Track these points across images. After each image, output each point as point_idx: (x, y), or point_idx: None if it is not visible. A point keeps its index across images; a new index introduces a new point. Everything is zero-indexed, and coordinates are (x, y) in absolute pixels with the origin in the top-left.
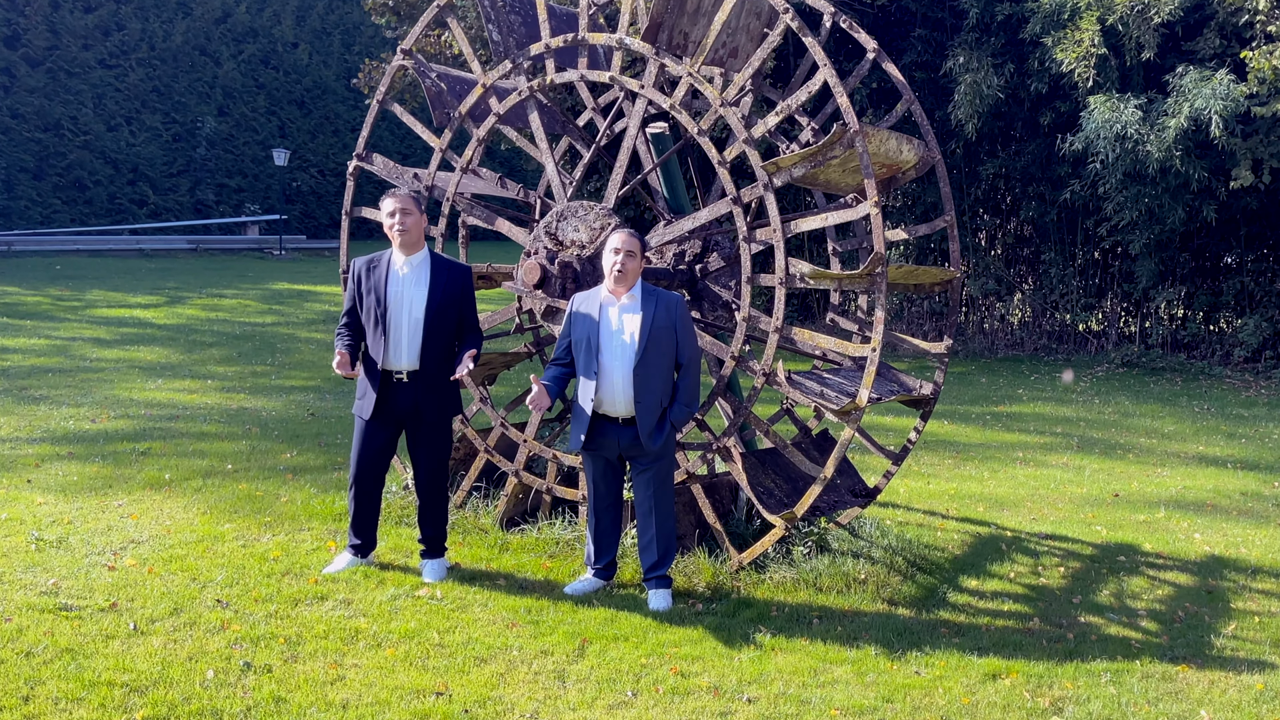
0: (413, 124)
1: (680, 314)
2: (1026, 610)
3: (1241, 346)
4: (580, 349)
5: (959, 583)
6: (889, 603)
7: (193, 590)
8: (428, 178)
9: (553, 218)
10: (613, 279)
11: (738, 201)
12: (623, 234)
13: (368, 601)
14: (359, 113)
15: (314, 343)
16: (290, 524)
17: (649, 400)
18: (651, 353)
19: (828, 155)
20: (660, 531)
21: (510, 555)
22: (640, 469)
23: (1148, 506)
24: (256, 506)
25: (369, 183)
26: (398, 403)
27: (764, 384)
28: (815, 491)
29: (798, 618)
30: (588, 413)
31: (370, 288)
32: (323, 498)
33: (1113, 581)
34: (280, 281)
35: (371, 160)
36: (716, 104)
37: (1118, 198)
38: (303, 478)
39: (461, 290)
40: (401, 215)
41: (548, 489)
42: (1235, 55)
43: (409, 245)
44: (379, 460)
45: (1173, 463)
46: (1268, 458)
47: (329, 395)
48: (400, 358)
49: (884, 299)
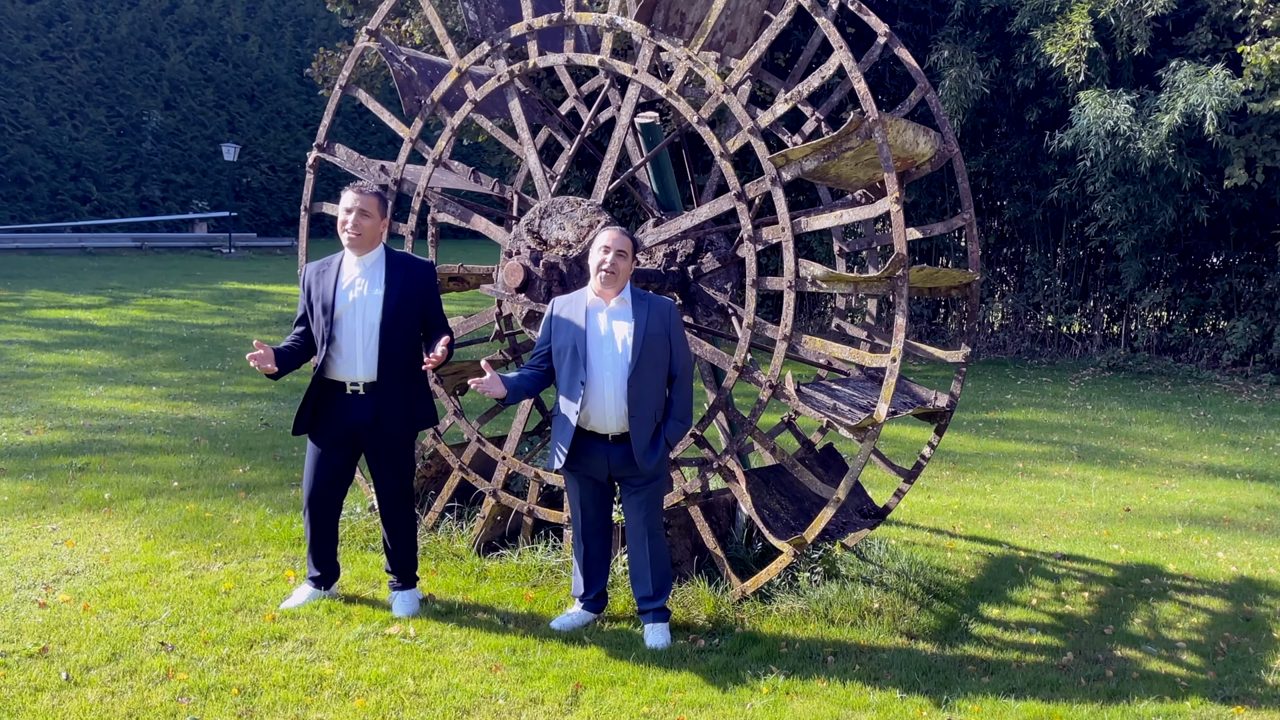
0: (379, 111)
1: (674, 321)
2: (1057, 643)
3: (1230, 350)
4: (564, 358)
5: (980, 611)
6: (908, 636)
7: (133, 631)
8: (396, 170)
9: (535, 215)
10: (601, 280)
11: (742, 197)
12: (613, 231)
13: (332, 642)
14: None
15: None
16: (243, 550)
17: (643, 415)
18: (645, 363)
19: (843, 146)
20: (655, 559)
21: (489, 584)
22: (632, 491)
23: (1162, 522)
24: (205, 529)
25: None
26: (353, 417)
27: (770, 397)
28: (828, 515)
29: (810, 655)
30: (572, 429)
31: (319, 294)
32: (279, 519)
33: (1143, 608)
34: (230, 281)
35: (333, 151)
36: (718, 90)
37: (1107, 197)
38: (256, 496)
39: (423, 289)
40: (358, 216)
41: (529, 510)
42: (1228, 50)
43: (360, 246)
44: (336, 482)
45: (1179, 474)
46: (1274, 467)
47: (284, 403)
48: (354, 368)
49: (905, 304)
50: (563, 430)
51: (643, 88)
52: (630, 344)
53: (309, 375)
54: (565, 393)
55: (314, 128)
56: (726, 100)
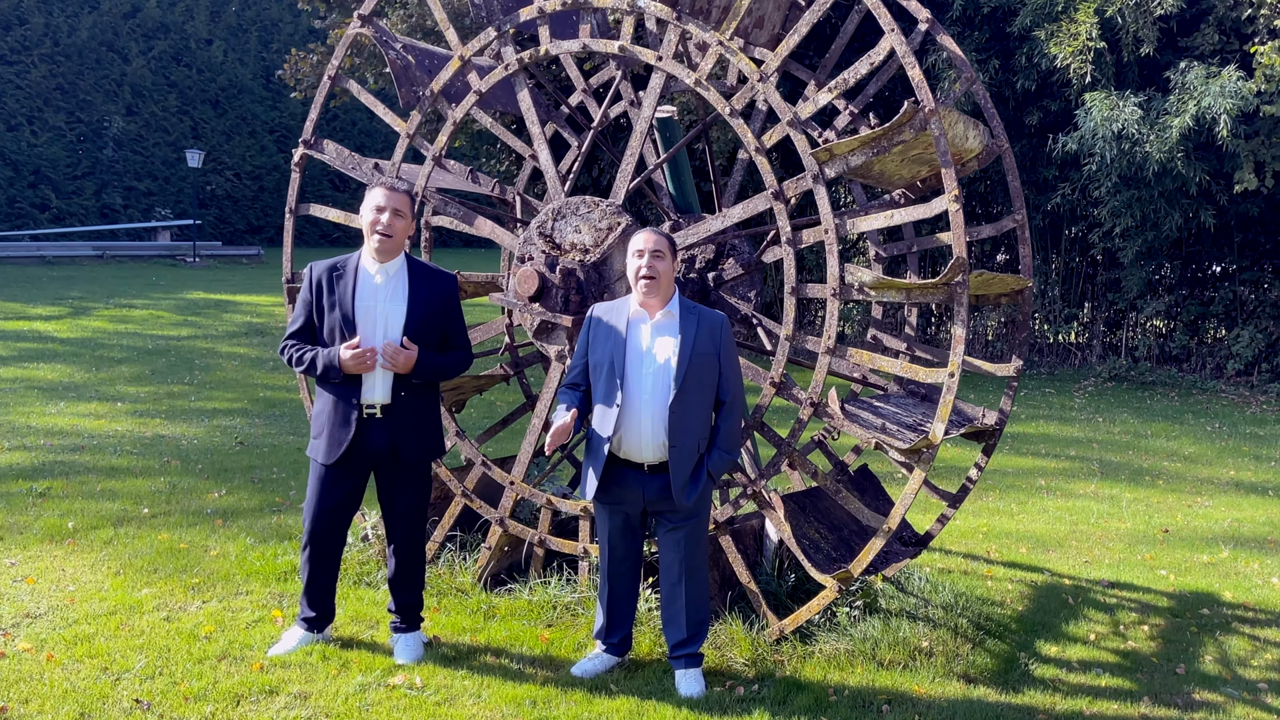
0: (373, 105)
1: (725, 339)
2: (1129, 686)
3: (1235, 359)
4: (600, 375)
5: (1037, 650)
6: (965, 680)
7: (104, 685)
8: (392, 168)
9: (547, 217)
10: (643, 290)
11: (780, 196)
12: (646, 233)
13: (330, 695)
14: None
15: (237, 358)
16: (223, 586)
17: (685, 444)
18: (690, 385)
19: (894, 140)
20: (692, 602)
21: (499, 624)
22: (669, 527)
23: (1206, 545)
24: (181, 563)
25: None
26: (367, 443)
27: (811, 415)
28: (877, 545)
29: (863, 703)
30: (604, 455)
31: (334, 302)
32: (261, 550)
33: (1210, 643)
34: (195, 291)
35: (321, 147)
36: (754, 79)
37: (1112, 202)
38: (235, 523)
39: (446, 303)
40: (392, 216)
41: (540, 540)
42: (1235, 52)
43: (388, 252)
44: (342, 514)
45: (1209, 491)
46: None
47: (258, 419)
48: (373, 389)
49: (965, 313)
50: (595, 456)
51: (667, 78)
52: (675, 364)
53: (290, 387)
54: (599, 415)
55: (280, 134)
56: (762, 89)
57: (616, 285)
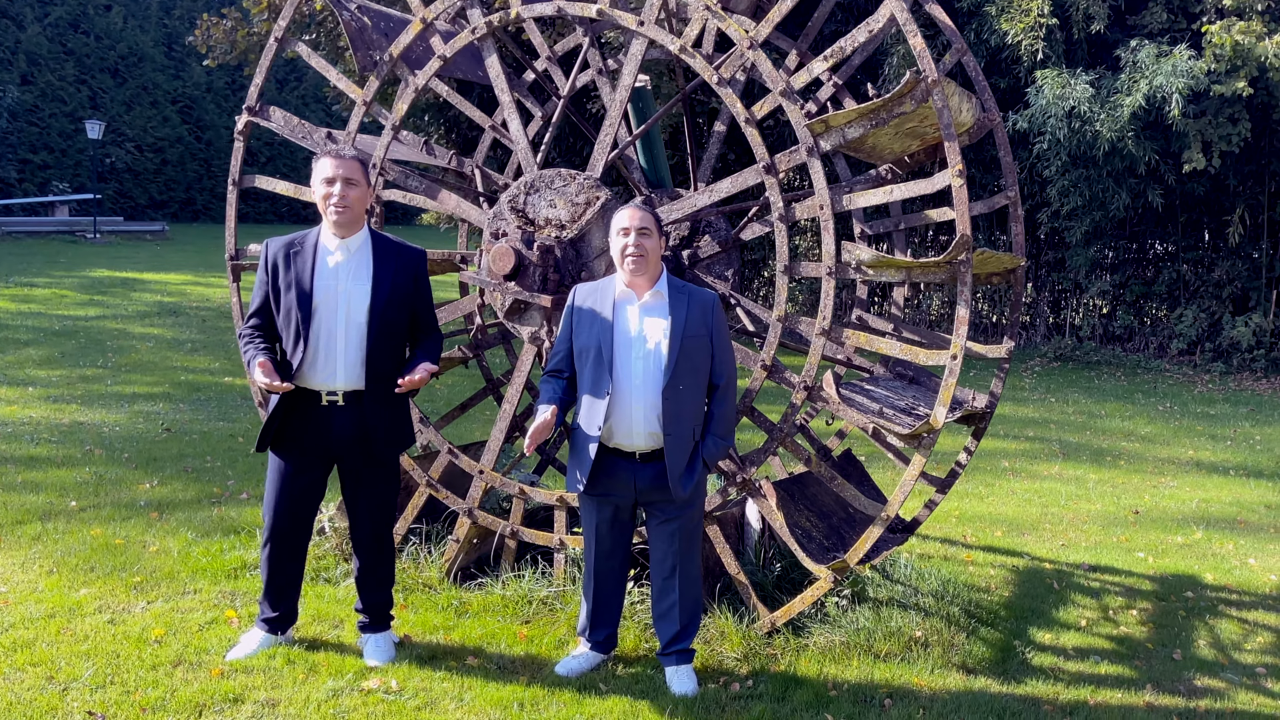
0: (324, 69)
1: (717, 319)
2: (1129, 673)
3: (1179, 339)
4: (586, 361)
5: (1031, 637)
6: (964, 670)
7: (51, 697)
8: (347, 137)
9: (520, 191)
10: (629, 269)
11: (771, 169)
12: (630, 209)
13: (300, 702)
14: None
15: (151, 339)
16: (168, 585)
17: (680, 433)
18: (683, 369)
19: (894, 111)
20: (684, 597)
21: (473, 621)
22: (661, 519)
23: (1178, 526)
24: (119, 560)
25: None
26: (331, 433)
27: (804, 399)
28: (874, 534)
29: (864, 698)
30: (594, 445)
31: (290, 281)
32: (205, 545)
33: (1201, 627)
34: (99, 268)
35: (267, 114)
36: (743, 45)
37: (1061, 181)
38: (172, 517)
39: (415, 281)
40: (344, 185)
41: (512, 532)
42: (1182, 30)
43: (347, 225)
44: (304, 508)
45: (1172, 471)
46: (1264, 463)
47: (183, 404)
48: (334, 374)
49: (969, 292)
50: (583, 447)
51: (649, 44)
52: (666, 348)
53: (213, 370)
54: (586, 404)
55: (184, 104)
56: (752, 57)
57: (595, 263)
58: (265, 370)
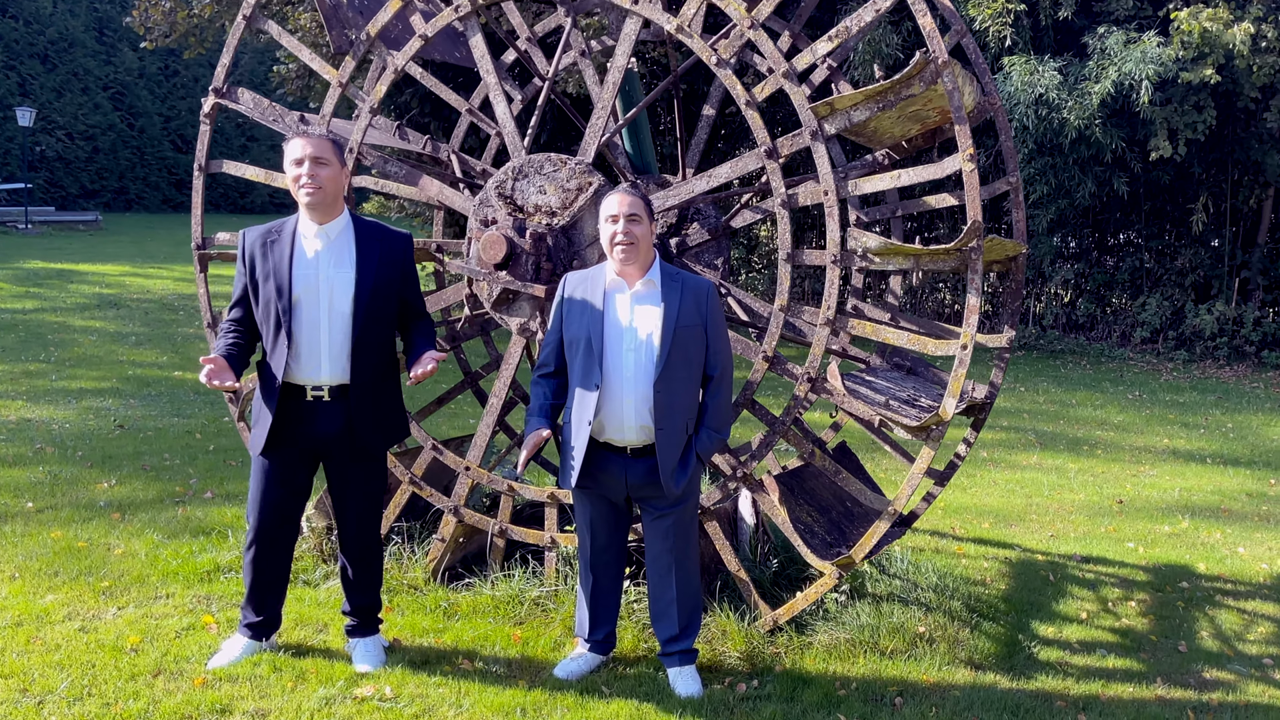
0: (296, 50)
1: (712, 307)
2: (1137, 667)
3: (1142, 327)
4: (576, 352)
5: (1033, 631)
6: (972, 666)
7: (26, 710)
8: (321, 121)
9: (507, 176)
10: (619, 257)
11: (773, 154)
12: (619, 195)
13: (291, 711)
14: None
15: (94, 333)
16: (138, 590)
17: (672, 427)
18: (676, 361)
19: (902, 93)
20: (682, 594)
21: (463, 623)
22: (655, 514)
23: (1163, 515)
24: (84, 564)
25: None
26: (316, 430)
27: (807, 391)
28: (881, 529)
29: (874, 697)
30: (585, 439)
31: (269, 271)
32: (173, 547)
33: (1201, 618)
34: (32, 260)
35: (236, 96)
36: (744, 25)
37: (1027, 170)
38: (135, 518)
39: (402, 268)
40: (313, 164)
41: (501, 531)
42: (1148, 17)
43: (322, 208)
44: (289, 509)
45: (1150, 460)
46: (1240, 451)
47: (133, 400)
48: (318, 368)
49: (980, 280)
50: (575, 441)
51: (643, 23)
52: (658, 338)
53: (161, 364)
54: (577, 397)
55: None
56: (753, 37)
57: (588, 251)
58: (214, 369)
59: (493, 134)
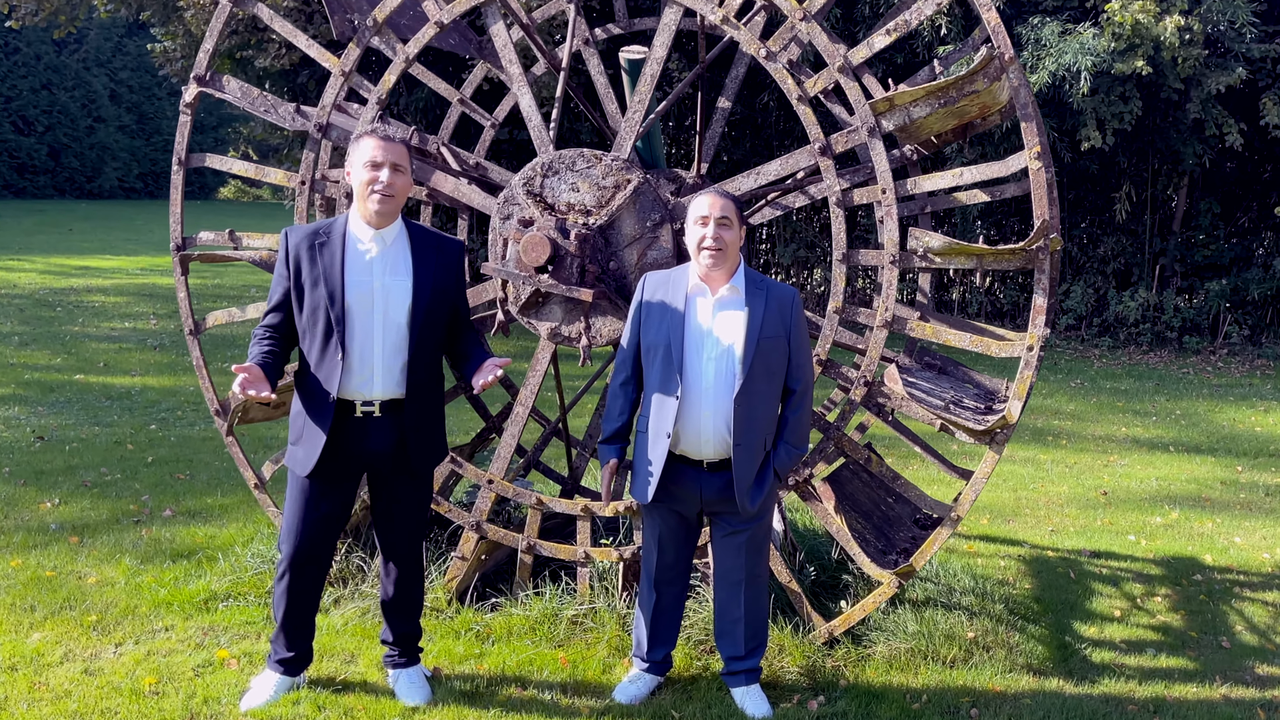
0: (292, 36)
1: (796, 317)
2: (1191, 666)
3: (1067, 314)
4: (654, 359)
5: (1078, 632)
6: (1033, 672)
7: None
8: (320, 113)
9: (535, 173)
10: (706, 262)
11: (827, 151)
12: (713, 196)
13: None
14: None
15: None
16: (132, 623)
17: (750, 442)
18: (758, 373)
19: (964, 89)
20: (750, 613)
21: (501, 647)
22: (728, 530)
23: (1151, 506)
24: (60, 596)
25: None
26: (365, 448)
27: (864, 395)
28: (943, 536)
29: (949, 708)
30: (664, 452)
31: (317, 277)
32: (153, 573)
33: (1230, 613)
34: None
35: (221, 84)
36: (795, 17)
37: (957, 160)
38: (96, 541)
39: (456, 276)
40: (392, 173)
41: (529, 546)
42: (1075, 8)
43: (388, 215)
44: (328, 533)
45: (1116, 449)
46: (1197, 438)
47: (41, 408)
48: (371, 382)
49: (1048, 280)
50: (653, 452)
51: (684, 12)
52: (740, 348)
53: (61, 367)
54: (655, 405)
55: None
56: (804, 29)
57: (625, 252)
58: (248, 378)
59: (486, 126)
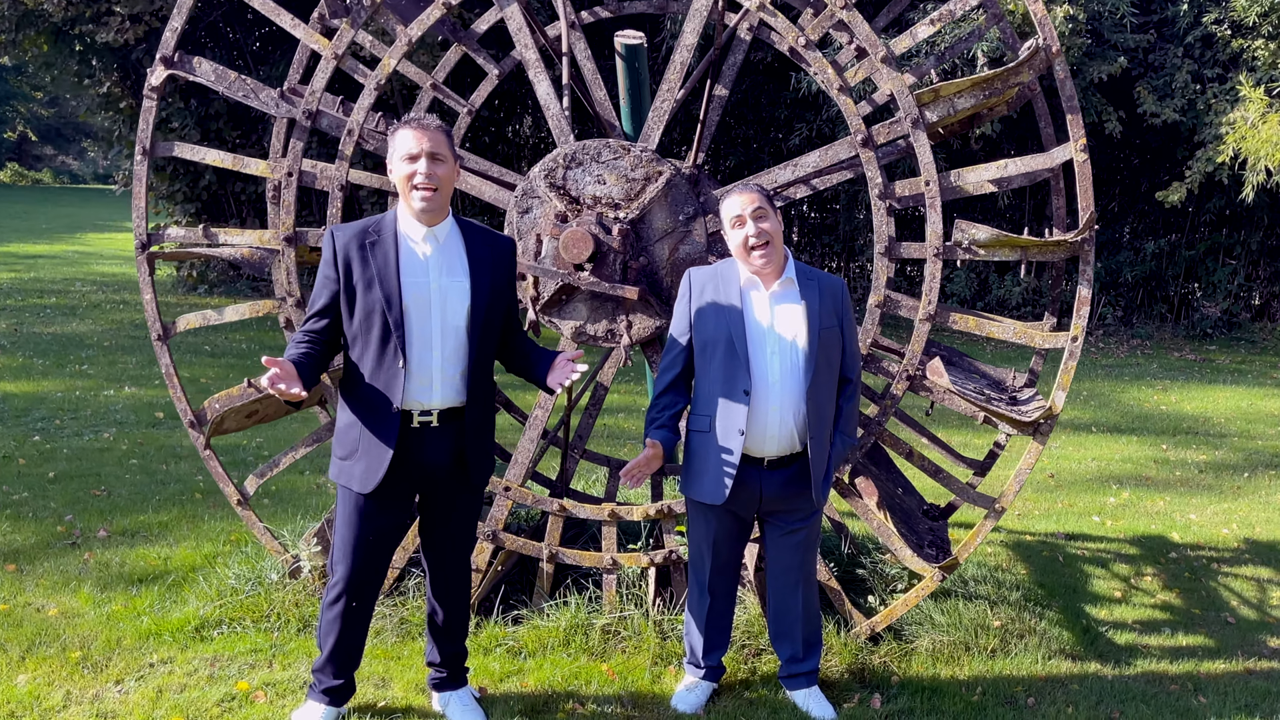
0: (274, 14)
1: (846, 306)
2: (1208, 643)
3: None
4: (712, 356)
5: (1091, 615)
6: (1070, 657)
7: None
8: (309, 100)
9: (557, 164)
10: (758, 261)
11: (869, 142)
12: (742, 192)
13: None
14: None
15: None
16: (122, 659)
17: (821, 435)
18: (822, 365)
19: (1010, 81)
20: (807, 612)
21: (540, 661)
22: (786, 529)
23: (1099, 486)
24: (26, 633)
25: None
26: (424, 460)
27: (906, 389)
28: (987, 528)
29: (1007, 699)
30: (739, 452)
31: (370, 278)
32: (120, 601)
33: (1219, 588)
34: None
35: (192, 67)
36: (836, 6)
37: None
38: (36, 569)
39: (508, 276)
40: (431, 163)
41: (550, 555)
42: None
43: (435, 211)
44: (385, 552)
45: None
46: (1118, 420)
47: None
48: (428, 390)
49: (1091, 271)
50: (723, 453)
51: None
52: (804, 340)
53: None
54: (721, 406)
55: None
56: (845, 18)
57: (656, 247)
58: (280, 373)
59: (462, 113)
